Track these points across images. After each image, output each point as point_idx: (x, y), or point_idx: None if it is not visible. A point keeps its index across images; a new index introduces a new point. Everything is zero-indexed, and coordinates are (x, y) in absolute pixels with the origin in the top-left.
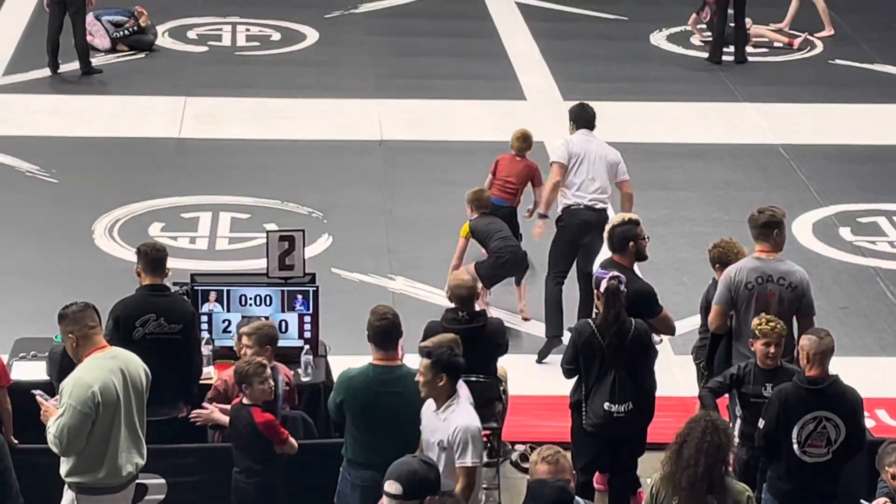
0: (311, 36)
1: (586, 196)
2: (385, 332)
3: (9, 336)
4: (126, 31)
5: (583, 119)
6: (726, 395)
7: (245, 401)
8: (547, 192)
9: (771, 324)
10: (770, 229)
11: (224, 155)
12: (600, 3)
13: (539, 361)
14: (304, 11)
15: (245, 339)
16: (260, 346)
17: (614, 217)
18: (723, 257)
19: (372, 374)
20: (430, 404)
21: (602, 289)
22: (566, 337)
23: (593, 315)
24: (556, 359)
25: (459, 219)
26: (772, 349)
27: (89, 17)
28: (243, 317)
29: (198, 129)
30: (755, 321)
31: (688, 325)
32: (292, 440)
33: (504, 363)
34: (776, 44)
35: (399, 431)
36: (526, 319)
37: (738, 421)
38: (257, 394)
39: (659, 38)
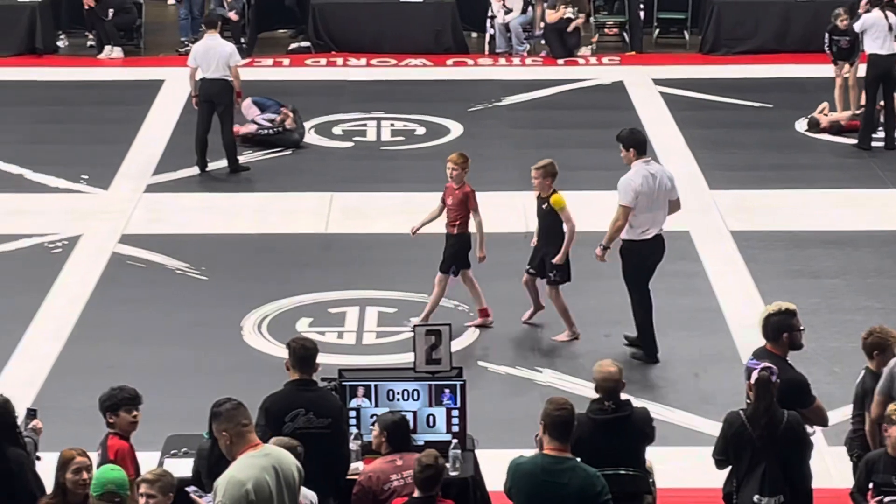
0: (455, 129)
1: (650, 231)
2: (562, 422)
3: (160, 433)
4: (270, 131)
5: (641, 144)
6: None
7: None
8: (613, 231)
9: None
10: None
11: (370, 249)
12: (744, 91)
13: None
14: (448, 105)
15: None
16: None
17: (770, 306)
18: (881, 343)
19: (540, 462)
20: None
21: (753, 379)
22: None
23: (744, 405)
24: (705, 450)
25: (605, 310)
26: None
27: (247, 102)
28: (392, 411)
29: (344, 224)
30: (891, 406)
31: (840, 415)
32: None
33: (650, 455)
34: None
35: None
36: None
37: None
38: None
39: (804, 125)
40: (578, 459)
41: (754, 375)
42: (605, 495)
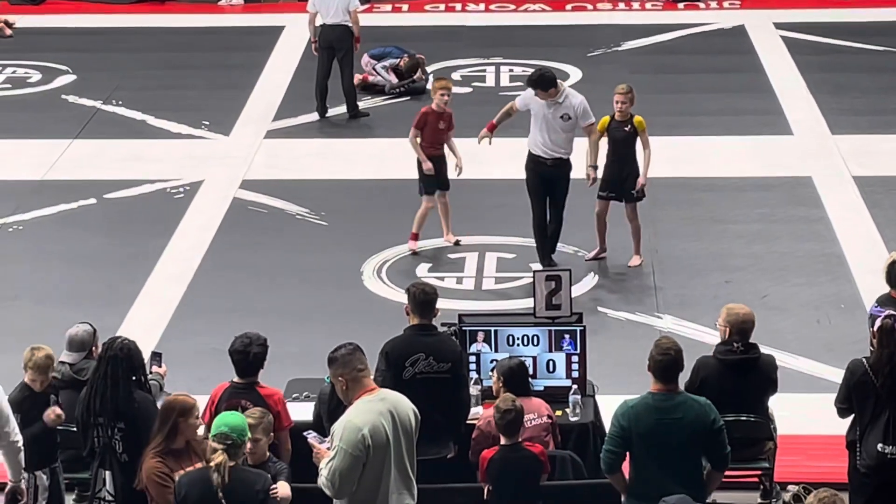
0: (574, 74)
1: None
2: (666, 367)
3: (282, 377)
4: (401, 88)
5: (555, 80)
6: None
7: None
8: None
9: None
10: None
11: (489, 195)
12: (868, 34)
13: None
14: (567, 50)
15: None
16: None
17: (894, 253)
18: None
19: (651, 401)
20: None
21: (876, 327)
22: None
23: (868, 352)
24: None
25: (727, 256)
26: None
27: (365, 59)
28: (510, 357)
29: (463, 170)
30: None
31: None
32: None
33: (772, 401)
34: None
35: (681, 459)
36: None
37: None
38: None
39: None
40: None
41: (878, 323)
42: (718, 423)
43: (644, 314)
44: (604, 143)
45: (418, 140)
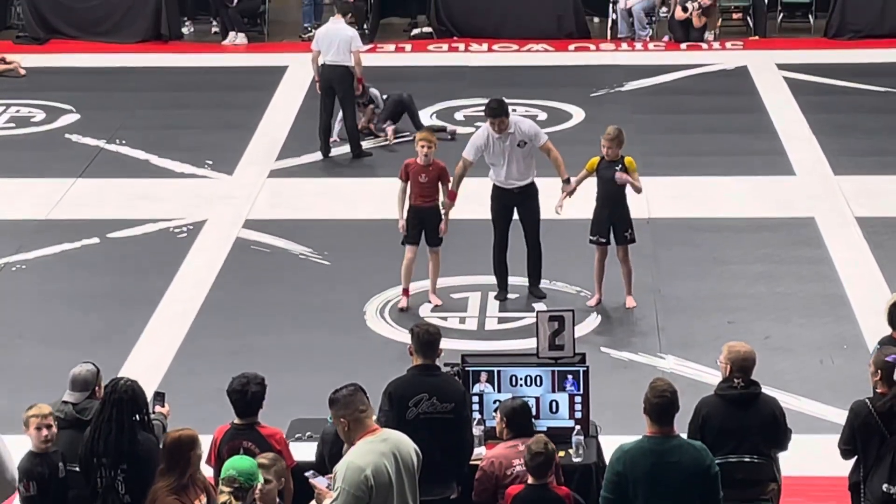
0: (578, 115)
1: None
2: (662, 409)
3: (284, 417)
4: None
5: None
6: None
7: None
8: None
9: None
10: None
11: (489, 234)
12: (870, 75)
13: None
14: (570, 91)
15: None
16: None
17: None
18: None
19: (647, 444)
20: None
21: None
22: None
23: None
24: None
25: (729, 296)
26: None
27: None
28: (513, 397)
29: (466, 210)
30: None
31: None
32: None
33: None
34: None
35: (677, 503)
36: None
37: None
38: None
39: None
40: (685, 436)
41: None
42: (714, 468)
43: (647, 354)
44: (592, 184)
45: (406, 192)
